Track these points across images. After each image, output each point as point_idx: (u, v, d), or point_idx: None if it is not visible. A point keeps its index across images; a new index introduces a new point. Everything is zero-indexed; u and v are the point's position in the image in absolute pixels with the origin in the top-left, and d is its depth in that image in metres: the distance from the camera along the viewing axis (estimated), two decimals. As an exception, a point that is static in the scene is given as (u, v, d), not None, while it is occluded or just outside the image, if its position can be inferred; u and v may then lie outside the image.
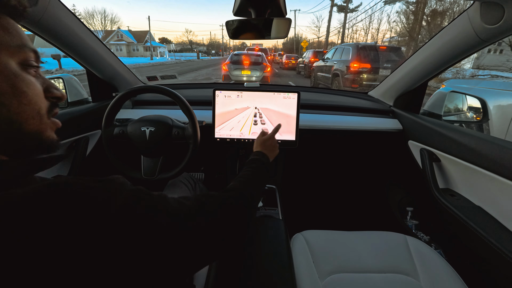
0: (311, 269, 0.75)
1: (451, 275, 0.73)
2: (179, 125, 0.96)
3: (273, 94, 1.08)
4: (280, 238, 0.83)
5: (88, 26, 0.98)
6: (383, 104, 1.37)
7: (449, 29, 0.87)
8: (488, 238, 0.72)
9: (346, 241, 0.86)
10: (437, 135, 0.98)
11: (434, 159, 1.00)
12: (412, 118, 1.15)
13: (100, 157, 1.11)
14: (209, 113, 1.12)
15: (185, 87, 1.60)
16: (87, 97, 1.22)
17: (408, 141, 1.16)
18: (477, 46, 0.80)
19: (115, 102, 0.92)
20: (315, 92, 1.58)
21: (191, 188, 1.06)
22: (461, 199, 0.89)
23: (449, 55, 0.90)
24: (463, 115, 1.29)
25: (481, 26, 0.72)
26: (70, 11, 0.87)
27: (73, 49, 0.96)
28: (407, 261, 0.79)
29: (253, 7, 0.71)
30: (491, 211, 0.79)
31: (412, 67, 1.09)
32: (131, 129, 0.94)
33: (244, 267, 0.72)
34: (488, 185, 0.79)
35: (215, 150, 1.28)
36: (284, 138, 1.12)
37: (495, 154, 0.74)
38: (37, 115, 0.35)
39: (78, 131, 1.04)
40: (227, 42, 69.99)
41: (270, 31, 0.80)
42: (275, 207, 1.04)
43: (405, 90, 1.20)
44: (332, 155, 1.59)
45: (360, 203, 1.58)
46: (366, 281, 0.74)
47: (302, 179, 1.65)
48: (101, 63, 1.10)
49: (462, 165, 0.86)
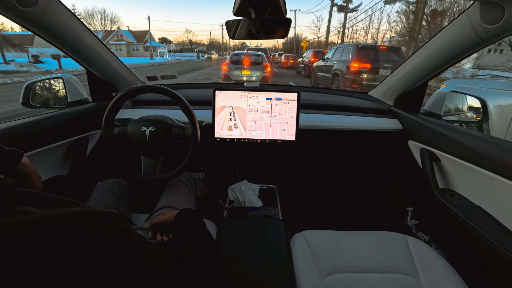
0: (311, 269, 0.75)
1: (451, 275, 0.73)
2: (179, 125, 0.96)
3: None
4: (280, 238, 0.83)
5: (88, 26, 0.98)
6: (383, 104, 1.37)
7: (449, 29, 0.87)
8: (488, 238, 0.72)
9: (346, 241, 0.86)
10: (437, 135, 0.98)
11: (434, 159, 1.00)
12: (412, 118, 1.15)
13: (100, 157, 1.11)
14: (209, 113, 1.13)
15: (185, 87, 1.59)
16: (87, 97, 1.22)
17: (408, 141, 1.16)
18: (477, 46, 0.80)
19: (115, 102, 0.92)
20: (315, 92, 1.58)
21: (191, 188, 1.06)
22: (461, 199, 0.89)
23: (449, 55, 0.90)
24: (463, 115, 1.28)
25: (481, 26, 0.72)
26: (70, 11, 0.86)
27: (73, 49, 0.96)
28: (407, 261, 0.79)
29: (253, 7, 0.71)
30: (491, 211, 0.79)
31: (412, 67, 1.09)
32: (131, 129, 0.94)
33: (244, 266, 0.72)
34: (488, 185, 0.79)
35: (215, 150, 1.28)
36: (284, 138, 1.12)
37: (495, 154, 0.74)
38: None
39: (78, 131, 1.04)
40: (227, 42, 69.95)
41: (270, 31, 0.80)
42: (275, 207, 1.04)
43: (405, 90, 1.20)
44: (332, 155, 1.59)
45: (360, 203, 1.58)
46: (366, 281, 0.74)
47: (302, 179, 1.65)
48: (101, 63, 1.10)
49: (462, 165, 0.86)
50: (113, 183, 0.96)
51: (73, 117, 1.02)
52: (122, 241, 0.33)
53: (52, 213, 0.31)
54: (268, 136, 1.12)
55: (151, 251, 0.39)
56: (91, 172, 1.13)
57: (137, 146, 0.94)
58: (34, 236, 0.26)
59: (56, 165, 0.97)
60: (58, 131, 0.95)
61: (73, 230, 0.29)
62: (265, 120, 1.11)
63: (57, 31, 0.85)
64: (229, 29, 0.82)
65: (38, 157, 0.87)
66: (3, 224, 0.26)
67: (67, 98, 1.14)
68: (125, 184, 1.01)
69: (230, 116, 1.12)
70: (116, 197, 0.92)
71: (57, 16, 0.81)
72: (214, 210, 1.01)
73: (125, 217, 0.87)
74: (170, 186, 1.03)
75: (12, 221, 0.27)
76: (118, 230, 0.33)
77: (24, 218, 0.28)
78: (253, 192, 1.09)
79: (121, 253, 0.32)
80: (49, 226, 0.28)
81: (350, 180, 1.64)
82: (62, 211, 0.32)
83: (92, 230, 0.31)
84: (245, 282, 0.68)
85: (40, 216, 0.29)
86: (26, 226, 0.27)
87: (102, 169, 1.21)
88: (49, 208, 0.33)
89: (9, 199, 0.31)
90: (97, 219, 0.32)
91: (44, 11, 0.76)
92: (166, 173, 0.95)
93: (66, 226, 0.29)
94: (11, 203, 0.31)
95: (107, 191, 0.92)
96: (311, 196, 1.62)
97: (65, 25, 0.86)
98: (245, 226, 0.87)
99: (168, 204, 0.91)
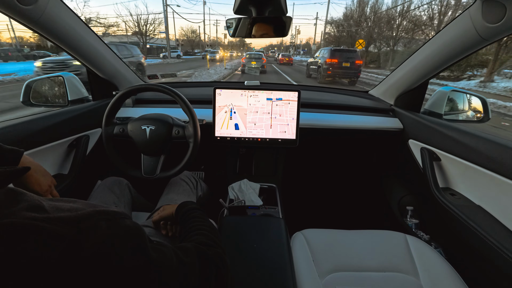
0: (311, 267, 0.75)
1: (451, 274, 0.73)
2: (179, 124, 0.96)
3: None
4: (280, 236, 0.83)
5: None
6: (384, 103, 1.37)
7: (450, 27, 0.86)
8: (488, 238, 0.72)
9: (346, 240, 0.86)
10: (438, 134, 0.98)
11: (434, 158, 1.00)
12: (412, 117, 1.15)
13: (101, 155, 1.11)
14: (209, 112, 1.12)
15: (185, 85, 1.59)
16: (87, 95, 1.22)
17: (409, 140, 1.16)
18: (478, 44, 0.80)
19: (116, 100, 0.92)
20: (316, 91, 1.58)
21: (192, 187, 1.06)
22: (461, 198, 0.89)
23: (450, 53, 0.90)
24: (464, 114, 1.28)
25: (483, 24, 0.72)
26: (70, 9, 0.86)
27: (73, 48, 0.96)
28: (407, 260, 0.79)
29: (254, 5, 0.71)
30: (492, 210, 0.79)
31: (412, 66, 1.08)
32: (132, 127, 0.93)
33: (244, 265, 0.72)
34: (488, 184, 0.79)
35: (215, 148, 1.28)
36: (284, 137, 1.12)
37: (495, 153, 0.74)
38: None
39: (78, 130, 1.04)
40: (220, 39, 69.72)
41: (270, 29, 0.80)
42: (275, 206, 1.04)
43: (406, 89, 1.20)
44: (332, 154, 1.59)
45: (360, 202, 1.58)
46: (366, 280, 0.74)
47: (302, 178, 1.65)
48: (102, 62, 1.10)
49: (463, 164, 0.86)
50: (114, 182, 0.97)
51: (74, 116, 1.02)
52: (133, 239, 0.34)
53: (69, 208, 0.32)
54: (268, 135, 1.12)
55: (157, 247, 0.39)
56: (91, 171, 1.13)
57: (137, 144, 0.94)
58: (55, 232, 0.27)
59: (57, 164, 0.97)
60: (58, 130, 0.95)
61: (88, 227, 0.30)
62: (265, 122, 1.11)
63: (58, 30, 0.85)
64: (230, 28, 0.82)
65: (39, 155, 0.87)
66: (22, 218, 0.27)
67: (67, 97, 1.14)
68: (126, 183, 1.01)
69: (230, 115, 1.11)
70: (117, 196, 0.92)
71: (57, 14, 0.81)
72: (214, 208, 1.01)
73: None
74: (170, 185, 1.03)
75: (31, 216, 0.28)
76: (129, 228, 0.34)
77: (44, 215, 0.29)
78: (253, 190, 1.09)
79: (132, 251, 0.33)
80: (69, 223, 0.29)
81: (350, 179, 1.64)
82: (73, 207, 0.33)
83: (105, 228, 0.31)
84: (245, 281, 0.68)
85: (57, 211, 0.31)
86: (45, 221, 0.28)
87: (103, 167, 1.21)
88: (58, 202, 0.34)
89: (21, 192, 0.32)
90: (108, 217, 0.33)
91: (44, 9, 0.76)
92: (166, 172, 0.95)
93: (83, 223, 0.30)
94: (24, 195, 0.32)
95: (108, 190, 0.92)
96: (311, 195, 1.62)
97: (65, 23, 0.86)
98: (245, 224, 0.87)
99: (168, 203, 0.91)
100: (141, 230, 0.36)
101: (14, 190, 0.32)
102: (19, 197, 0.31)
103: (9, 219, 0.26)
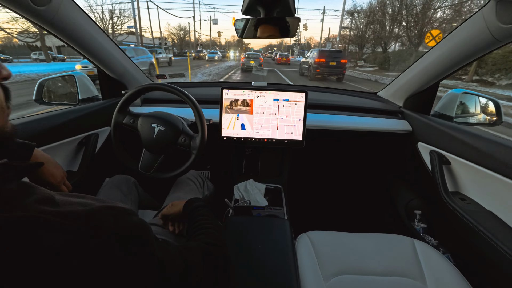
0: (315, 270, 0.75)
1: (459, 281, 0.71)
2: (188, 133, 0.96)
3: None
4: (285, 238, 0.82)
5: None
6: (393, 105, 1.35)
7: (462, 28, 0.84)
8: (499, 244, 0.70)
9: (351, 242, 0.85)
10: (448, 137, 0.96)
11: (444, 161, 0.97)
12: (422, 120, 1.13)
13: (109, 153, 1.13)
14: (216, 112, 1.13)
15: (193, 85, 1.61)
16: (97, 94, 1.25)
17: (418, 143, 1.14)
18: (491, 46, 0.78)
19: (133, 93, 0.94)
20: (323, 92, 1.57)
21: (199, 186, 1.07)
22: (471, 203, 0.87)
23: (462, 55, 0.88)
24: (476, 117, 1.25)
25: (497, 25, 0.70)
26: (82, 10, 0.88)
27: (85, 48, 0.98)
28: (414, 265, 0.78)
29: (262, 5, 0.71)
30: (503, 216, 0.77)
31: (423, 67, 1.06)
32: (142, 122, 0.95)
33: (248, 266, 0.72)
34: (500, 190, 0.76)
35: (222, 148, 1.29)
36: (291, 137, 1.11)
37: (507, 158, 0.72)
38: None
39: (88, 128, 1.06)
40: (217, 39, 69.89)
41: (278, 30, 0.79)
42: (281, 207, 1.04)
43: (416, 91, 1.18)
44: (339, 155, 1.57)
45: (367, 204, 1.56)
46: (372, 284, 0.73)
47: (308, 179, 1.64)
48: (112, 61, 1.12)
49: (473, 168, 0.84)
50: (121, 180, 0.98)
51: (84, 114, 1.04)
52: (138, 236, 0.34)
53: (78, 202, 0.33)
54: (275, 136, 1.12)
55: (163, 246, 0.40)
56: (100, 168, 1.15)
57: (142, 140, 0.94)
58: (64, 225, 0.28)
59: (66, 161, 1.00)
60: (69, 128, 0.97)
61: (96, 222, 0.31)
62: (271, 123, 1.11)
63: (70, 29, 0.87)
64: (238, 28, 0.82)
65: (50, 152, 0.89)
66: (34, 211, 0.28)
67: (78, 95, 1.16)
68: (133, 181, 1.02)
69: (237, 115, 1.12)
70: (124, 193, 0.93)
71: (70, 14, 0.83)
72: (219, 208, 1.02)
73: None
74: (177, 184, 1.04)
75: (43, 210, 0.29)
76: (135, 224, 0.35)
77: (55, 209, 0.30)
78: (258, 191, 1.09)
79: (137, 247, 0.33)
80: (78, 217, 0.30)
81: (356, 181, 1.62)
82: (82, 202, 0.34)
83: (112, 223, 0.32)
84: (249, 282, 0.68)
85: (67, 204, 0.32)
86: (56, 214, 0.29)
87: (111, 165, 1.23)
88: (68, 197, 0.34)
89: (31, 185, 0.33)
90: (116, 212, 0.34)
91: (57, 9, 0.77)
92: (161, 173, 0.95)
93: (92, 217, 0.31)
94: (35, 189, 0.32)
95: (115, 187, 0.94)
96: (317, 196, 1.61)
97: (78, 23, 0.87)
98: (250, 225, 0.87)
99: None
100: (147, 227, 0.36)
101: (26, 183, 0.33)
102: (30, 190, 0.32)
103: (22, 212, 0.27)
